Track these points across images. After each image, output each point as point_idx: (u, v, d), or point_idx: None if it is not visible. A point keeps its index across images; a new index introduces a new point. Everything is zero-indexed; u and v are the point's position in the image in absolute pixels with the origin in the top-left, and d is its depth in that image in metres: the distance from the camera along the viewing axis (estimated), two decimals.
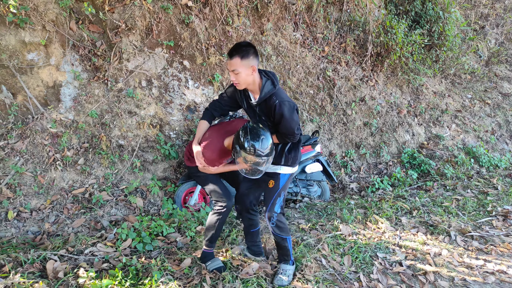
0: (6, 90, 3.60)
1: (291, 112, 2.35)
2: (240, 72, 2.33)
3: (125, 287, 2.45)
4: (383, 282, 2.80)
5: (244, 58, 2.30)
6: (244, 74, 2.35)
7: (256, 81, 2.41)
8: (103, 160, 3.92)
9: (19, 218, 3.37)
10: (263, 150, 2.31)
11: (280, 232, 2.70)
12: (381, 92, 5.85)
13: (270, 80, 2.42)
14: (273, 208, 2.64)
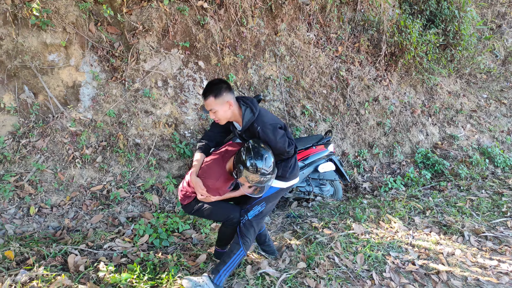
0: (28, 90, 3.73)
1: (275, 133, 2.36)
2: (217, 110, 2.39)
3: (143, 281, 2.53)
4: (396, 280, 2.82)
5: (217, 97, 2.35)
6: (222, 111, 2.39)
7: (236, 113, 2.44)
8: (120, 158, 4.02)
9: (40, 214, 3.49)
10: (266, 169, 2.32)
11: (241, 238, 2.55)
12: (395, 92, 5.83)
13: (249, 108, 2.41)
14: (247, 212, 2.59)
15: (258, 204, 2.59)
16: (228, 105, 2.37)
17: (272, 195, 2.62)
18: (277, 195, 2.65)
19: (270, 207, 2.65)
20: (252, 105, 2.42)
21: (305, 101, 5.08)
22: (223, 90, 2.35)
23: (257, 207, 2.58)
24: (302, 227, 3.65)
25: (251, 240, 2.59)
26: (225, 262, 2.50)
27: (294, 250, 3.13)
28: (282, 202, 4.52)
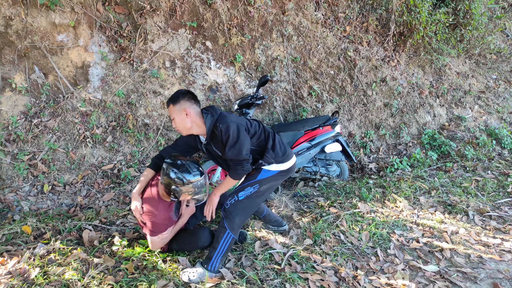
0: (38, 70, 3.77)
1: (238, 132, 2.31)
2: (175, 118, 2.39)
3: (155, 255, 2.63)
4: (400, 257, 2.89)
5: (175, 104, 2.36)
6: (179, 119, 2.37)
7: (198, 123, 2.40)
8: (130, 138, 4.08)
9: (54, 192, 3.59)
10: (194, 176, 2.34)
11: (226, 220, 2.51)
12: (403, 73, 5.80)
13: (209, 113, 2.40)
14: (238, 192, 2.55)
15: (251, 186, 2.54)
16: (185, 113, 2.35)
17: (267, 178, 2.56)
18: (272, 179, 2.58)
19: (264, 191, 2.57)
20: (212, 110, 2.42)
21: (312, 82, 5.07)
22: (181, 98, 2.35)
23: (249, 189, 2.54)
24: (308, 206, 3.72)
25: (239, 221, 2.52)
26: (215, 248, 2.50)
27: (301, 228, 3.21)
28: (288, 182, 4.59)
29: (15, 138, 3.55)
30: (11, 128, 3.56)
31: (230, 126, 2.29)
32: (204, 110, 2.43)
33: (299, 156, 4.25)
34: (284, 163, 2.59)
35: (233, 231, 2.50)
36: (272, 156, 2.51)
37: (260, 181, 2.55)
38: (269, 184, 2.59)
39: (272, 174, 2.57)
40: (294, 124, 4.43)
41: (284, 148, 2.61)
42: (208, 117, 2.38)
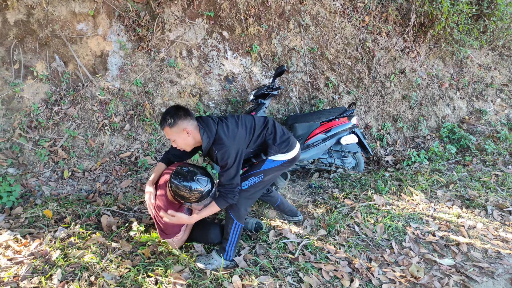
0: (58, 59, 3.85)
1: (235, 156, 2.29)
2: (176, 139, 2.33)
3: None
4: (415, 250, 2.87)
5: (172, 126, 2.27)
6: (180, 139, 2.33)
7: (197, 139, 2.37)
8: (147, 126, 4.14)
9: (74, 178, 3.68)
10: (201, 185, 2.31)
11: (231, 210, 2.51)
12: (423, 64, 5.68)
13: (205, 132, 2.33)
14: (242, 181, 2.52)
15: (255, 176, 2.53)
16: (186, 132, 2.30)
17: (272, 168, 2.56)
18: (276, 169, 2.58)
19: (268, 180, 2.58)
20: (207, 128, 2.34)
21: (329, 72, 5.02)
22: (177, 119, 2.26)
23: (253, 178, 2.52)
24: (323, 197, 3.71)
25: (243, 209, 2.52)
26: (227, 239, 2.52)
27: (315, 218, 3.21)
28: (303, 173, 4.59)
29: (36, 125, 3.64)
30: (32, 115, 3.65)
31: (227, 153, 2.27)
32: (200, 125, 2.35)
33: (314, 147, 4.24)
34: (289, 152, 2.58)
35: (240, 220, 2.51)
36: (275, 150, 2.52)
37: (265, 171, 2.55)
38: (274, 174, 2.60)
39: (277, 164, 2.57)
40: (310, 115, 4.40)
41: (287, 138, 2.58)
42: (204, 138, 2.32)
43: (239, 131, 2.41)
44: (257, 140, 2.50)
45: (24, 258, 2.37)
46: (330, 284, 2.40)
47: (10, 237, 2.60)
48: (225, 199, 2.38)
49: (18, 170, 3.49)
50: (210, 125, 2.35)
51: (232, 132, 2.36)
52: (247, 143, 2.45)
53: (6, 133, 3.54)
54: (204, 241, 2.72)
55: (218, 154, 2.28)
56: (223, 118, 2.47)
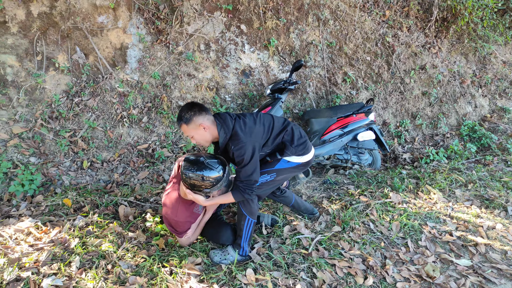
0: (79, 51, 3.91)
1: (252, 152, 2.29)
2: (194, 135, 2.34)
3: None
4: (431, 249, 2.82)
5: (188, 123, 2.29)
6: (198, 135, 2.34)
7: (214, 134, 2.38)
8: (164, 119, 4.18)
9: (92, 168, 3.75)
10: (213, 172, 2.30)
11: (244, 208, 2.50)
12: (444, 60, 5.54)
13: (222, 128, 2.35)
14: None
15: (268, 174, 2.53)
16: (203, 128, 2.31)
17: (286, 169, 2.56)
18: (290, 170, 2.58)
19: (280, 180, 2.58)
20: (224, 124, 2.36)
21: (347, 68, 4.96)
22: (193, 116, 2.28)
23: (266, 176, 2.52)
24: (338, 193, 3.69)
25: (254, 205, 2.52)
26: (240, 235, 2.53)
27: (330, 214, 3.20)
28: (318, 169, 4.56)
29: (57, 116, 3.73)
30: (54, 106, 3.74)
31: (243, 148, 2.27)
32: (217, 120, 2.38)
33: (330, 143, 4.21)
34: (304, 155, 2.58)
35: (252, 215, 2.51)
36: (292, 151, 2.52)
37: (278, 170, 2.55)
38: (286, 174, 2.60)
39: (291, 165, 2.57)
40: (326, 110, 4.37)
41: (304, 141, 2.59)
42: (221, 133, 2.34)
43: (257, 128, 2.41)
44: (275, 140, 2.51)
45: (44, 244, 2.44)
46: (343, 280, 2.40)
47: (32, 224, 2.68)
48: (242, 193, 2.38)
49: (39, 160, 3.58)
50: (227, 121, 2.36)
51: (249, 129, 2.37)
52: (264, 141, 2.45)
53: (28, 123, 3.63)
54: (215, 241, 2.73)
55: (234, 150, 2.29)
56: (240, 115, 2.47)
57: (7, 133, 3.52)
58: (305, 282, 2.34)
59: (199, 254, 2.51)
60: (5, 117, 3.56)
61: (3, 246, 2.36)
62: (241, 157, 2.28)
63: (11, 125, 3.56)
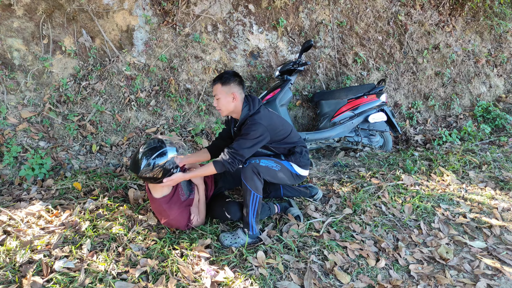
0: (86, 34, 3.86)
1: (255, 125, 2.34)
2: (220, 98, 2.40)
3: None
4: (444, 231, 2.78)
5: (224, 85, 2.36)
6: (224, 100, 2.40)
7: (238, 109, 2.45)
8: (172, 102, 4.14)
9: (101, 152, 3.75)
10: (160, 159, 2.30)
11: (248, 183, 2.43)
12: (458, 39, 5.37)
13: (248, 105, 2.43)
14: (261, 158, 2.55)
15: (275, 163, 2.55)
16: (232, 97, 2.39)
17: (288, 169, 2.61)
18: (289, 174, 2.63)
19: (278, 177, 2.57)
20: (251, 103, 2.44)
21: (358, 48, 4.84)
22: (232, 81, 2.37)
23: (272, 163, 2.53)
24: (349, 176, 3.64)
25: (258, 181, 2.45)
26: (248, 213, 2.47)
27: (340, 197, 3.16)
28: (328, 151, 4.51)
29: (65, 100, 3.71)
30: (61, 90, 3.72)
31: (255, 125, 2.35)
32: (246, 100, 2.46)
33: (340, 125, 4.14)
34: (304, 170, 2.71)
35: (257, 191, 2.45)
36: (297, 161, 2.64)
37: (283, 166, 2.60)
38: (285, 176, 2.62)
39: (292, 171, 2.64)
40: (337, 92, 4.28)
41: (309, 159, 2.75)
42: (244, 110, 2.42)
43: (276, 123, 2.52)
44: (286, 145, 2.64)
45: (55, 227, 2.45)
46: (355, 262, 2.37)
47: (42, 207, 2.69)
48: (223, 163, 2.39)
49: (48, 144, 3.58)
50: (256, 103, 2.47)
51: (270, 118, 2.47)
52: (275, 139, 2.55)
53: (37, 107, 3.62)
54: (223, 218, 2.68)
55: (247, 123, 2.37)
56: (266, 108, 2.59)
57: (16, 117, 3.52)
58: (316, 265, 2.32)
59: (209, 236, 2.50)
60: (14, 101, 3.55)
61: (15, 229, 2.38)
62: (248, 131, 2.35)
63: (20, 109, 3.56)
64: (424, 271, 2.33)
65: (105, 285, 1.97)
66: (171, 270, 2.12)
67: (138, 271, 2.08)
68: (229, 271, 2.17)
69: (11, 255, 2.10)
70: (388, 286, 2.17)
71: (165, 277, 2.06)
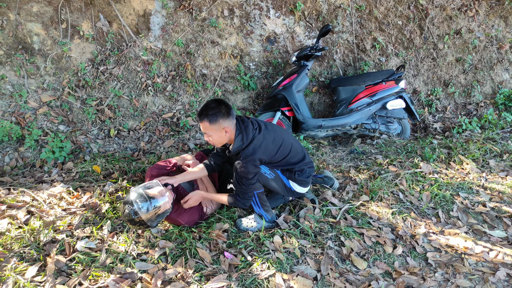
0: (103, 18, 3.87)
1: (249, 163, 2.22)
2: (212, 135, 2.24)
3: None
4: (463, 220, 2.74)
5: (212, 123, 2.17)
6: (217, 136, 2.25)
7: (231, 138, 2.30)
8: (188, 88, 4.15)
9: (119, 136, 3.80)
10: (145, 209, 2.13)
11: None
12: (481, 24, 5.20)
13: (241, 135, 2.26)
14: None
15: (270, 170, 2.48)
16: (225, 131, 2.23)
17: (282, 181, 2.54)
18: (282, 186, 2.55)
19: (271, 186, 2.49)
20: (245, 132, 2.27)
21: (377, 33, 4.73)
22: (220, 116, 2.17)
23: (266, 169, 2.46)
24: (366, 163, 3.61)
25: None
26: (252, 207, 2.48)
27: (357, 184, 3.14)
28: (345, 138, 4.47)
29: (84, 84, 3.75)
30: (80, 74, 3.75)
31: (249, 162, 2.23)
32: (238, 125, 2.30)
33: (357, 112, 4.08)
34: (303, 187, 2.62)
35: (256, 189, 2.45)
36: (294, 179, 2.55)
37: (277, 176, 2.51)
38: (277, 186, 2.53)
39: (287, 184, 2.57)
40: (354, 78, 4.22)
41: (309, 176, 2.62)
42: (237, 140, 2.27)
43: (272, 148, 2.37)
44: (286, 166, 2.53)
45: (76, 209, 2.51)
46: (372, 249, 2.36)
47: (63, 189, 2.75)
48: (236, 201, 2.38)
49: (68, 128, 3.64)
50: (249, 130, 2.29)
51: (264, 146, 2.31)
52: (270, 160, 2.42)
53: (56, 91, 3.67)
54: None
55: (241, 157, 2.25)
56: (262, 126, 2.39)
57: (36, 101, 3.58)
58: (332, 250, 2.32)
59: (226, 221, 2.52)
60: (34, 85, 3.61)
61: (38, 210, 2.44)
62: (243, 171, 2.24)
63: (40, 93, 3.61)
64: (442, 259, 2.31)
65: (126, 265, 2.01)
66: (190, 252, 2.16)
67: (158, 252, 2.12)
68: (246, 254, 2.19)
69: (35, 235, 2.16)
70: (405, 273, 2.16)
71: (184, 259, 2.10)
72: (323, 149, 3.99)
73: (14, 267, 1.89)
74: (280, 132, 2.47)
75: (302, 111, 4.00)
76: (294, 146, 2.52)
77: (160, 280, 1.91)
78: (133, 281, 1.90)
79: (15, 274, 1.83)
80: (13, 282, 1.78)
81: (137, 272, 1.96)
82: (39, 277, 1.85)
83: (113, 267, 1.99)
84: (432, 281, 2.10)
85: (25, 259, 1.97)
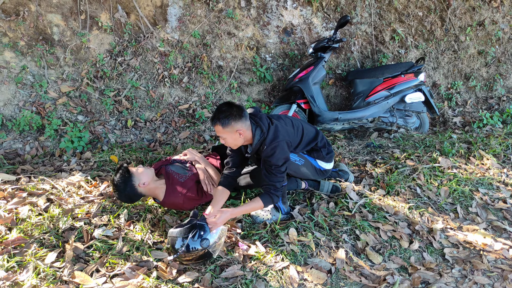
0: (121, 9, 3.90)
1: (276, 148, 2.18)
2: (226, 138, 2.21)
3: None
4: (482, 216, 2.68)
5: (225, 126, 2.13)
6: (231, 139, 2.21)
7: (248, 138, 2.26)
8: (204, 79, 4.15)
9: (136, 127, 3.84)
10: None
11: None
12: (506, 15, 5.02)
13: (259, 127, 2.24)
14: None
15: (298, 157, 2.47)
16: (238, 134, 2.19)
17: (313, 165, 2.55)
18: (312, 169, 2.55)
19: (302, 172, 2.51)
20: (261, 122, 2.26)
21: (396, 24, 4.63)
22: (232, 119, 2.13)
23: (295, 157, 2.46)
24: (383, 157, 3.56)
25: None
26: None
27: (373, 178, 3.10)
28: (361, 132, 4.41)
29: (102, 75, 3.80)
30: (98, 65, 3.80)
31: (278, 147, 2.19)
32: (252, 122, 2.27)
33: (375, 105, 4.02)
34: (329, 163, 2.65)
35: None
36: (320, 156, 2.58)
37: (307, 161, 2.53)
38: (309, 171, 2.55)
39: (316, 166, 2.59)
40: (372, 70, 4.15)
41: (332, 150, 2.67)
42: (257, 133, 2.25)
43: (289, 129, 2.39)
44: (306, 147, 2.55)
45: (94, 197, 2.56)
46: (387, 243, 2.34)
47: (82, 178, 2.81)
48: (271, 197, 2.27)
49: (86, 118, 3.70)
50: (264, 120, 2.29)
51: (284, 130, 2.31)
52: (296, 144, 2.46)
53: (75, 82, 3.73)
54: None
55: (266, 147, 2.21)
56: (275, 118, 2.40)
57: (56, 91, 3.65)
58: (348, 244, 2.31)
59: None
60: (54, 76, 3.67)
61: (58, 198, 2.50)
62: (272, 159, 2.20)
63: (59, 84, 3.68)
64: (459, 255, 2.28)
65: (142, 253, 2.05)
66: None
67: None
68: (260, 246, 2.19)
69: (54, 222, 2.21)
70: (421, 268, 2.14)
71: None
72: (339, 142, 3.95)
73: (34, 252, 1.94)
74: (287, 117, 2.53)
75: (318, 103, 3.96)
76: (304, 126, 2.56)
77: (175, 269, 1.94)
78: (148, 269, 1.93)
79: (35, 259, 1.88)
80: (34, 267, 1.83)
81: (152, 260, 1.99)
82: (58, 263, 1.89)
83: (129, 255, 2.02)
84: (449, 277, 2.07)
85: (44, 245, 2.02)
